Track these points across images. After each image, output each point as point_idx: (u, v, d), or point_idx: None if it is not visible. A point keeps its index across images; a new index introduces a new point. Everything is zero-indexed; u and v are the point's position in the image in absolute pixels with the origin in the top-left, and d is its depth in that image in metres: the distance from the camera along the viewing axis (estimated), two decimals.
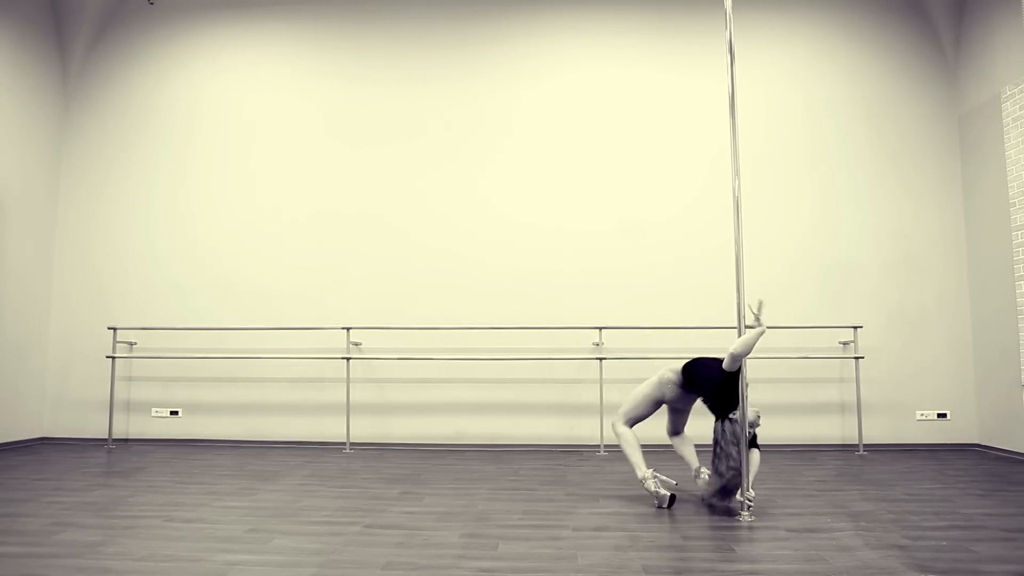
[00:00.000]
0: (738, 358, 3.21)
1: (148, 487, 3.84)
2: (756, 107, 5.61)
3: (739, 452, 3.14)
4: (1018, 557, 2.53)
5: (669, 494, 3.32)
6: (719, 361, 3.39)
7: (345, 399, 5.45)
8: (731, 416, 3.24)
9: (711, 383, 3.38)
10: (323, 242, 5.75)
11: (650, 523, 3.04)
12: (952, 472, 4.30)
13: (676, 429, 3.80)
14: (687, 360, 3.57)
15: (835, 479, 4.09)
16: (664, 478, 3.49)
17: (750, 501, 3.13)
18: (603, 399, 5.25)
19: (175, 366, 5.72)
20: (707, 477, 3.44)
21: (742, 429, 3.17)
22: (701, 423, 5.21)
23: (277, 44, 6.01)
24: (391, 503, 3.44)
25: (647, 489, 3.38)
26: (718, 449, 3.23)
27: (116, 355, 5.54)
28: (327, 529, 2.94)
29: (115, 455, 5.06)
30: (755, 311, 3.32)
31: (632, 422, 3.62)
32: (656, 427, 4.09)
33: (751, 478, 3.24)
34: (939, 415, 5.32)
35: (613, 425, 3.65)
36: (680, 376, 3.54)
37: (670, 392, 3.56)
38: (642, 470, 3.44)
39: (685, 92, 5.71)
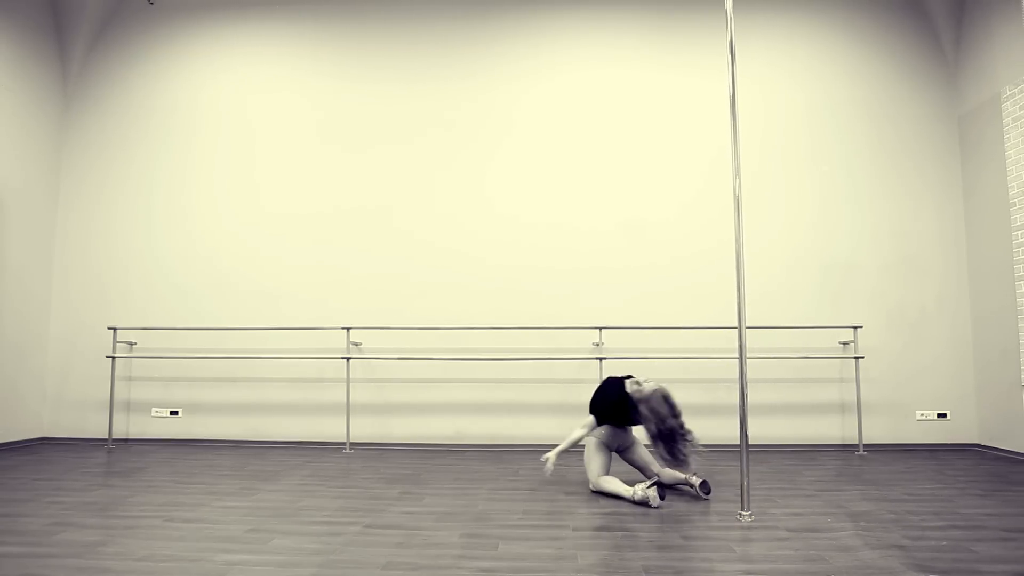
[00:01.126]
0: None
1: (148, 487, 3.84)
2: (756, 107, 5.61)
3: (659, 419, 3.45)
4: (1018, 557, 2.53)
5: (653, 489, 3.35)
6: (611, 384, 3.80)
7: (345, 399, 5.45)
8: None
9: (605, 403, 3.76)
10: (323, 242, 5.76)
11: (650, 523, 3.04)
12: (952, 472, 4.30)
13: (647, 467, 3.83)
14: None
15: (835, 479, 4.09)
16: (644, 482, 3.49)
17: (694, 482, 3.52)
18: None
19: (175, 366, 5.72)
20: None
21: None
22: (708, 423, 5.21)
23: (277, 44, 6.01)
24: (391, 503, 3.44)
25: (638, 501, 3.40)
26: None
27: (116, 355, 5.54)
28: (327, 529, 2.94)
29: (115, 455, 5.06)
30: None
31: (603, 473, 3.75)
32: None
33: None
34: (939, 415, 5.32)
35: (590, 486, 3.74)
36: (591, 415, 3.80)
37: (599, 434, 3.77)
38: (628, 491, 3.47)
39: (685, 92, 5.71)
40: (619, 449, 3.83)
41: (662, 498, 3.34)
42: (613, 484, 3.57)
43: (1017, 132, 4.82)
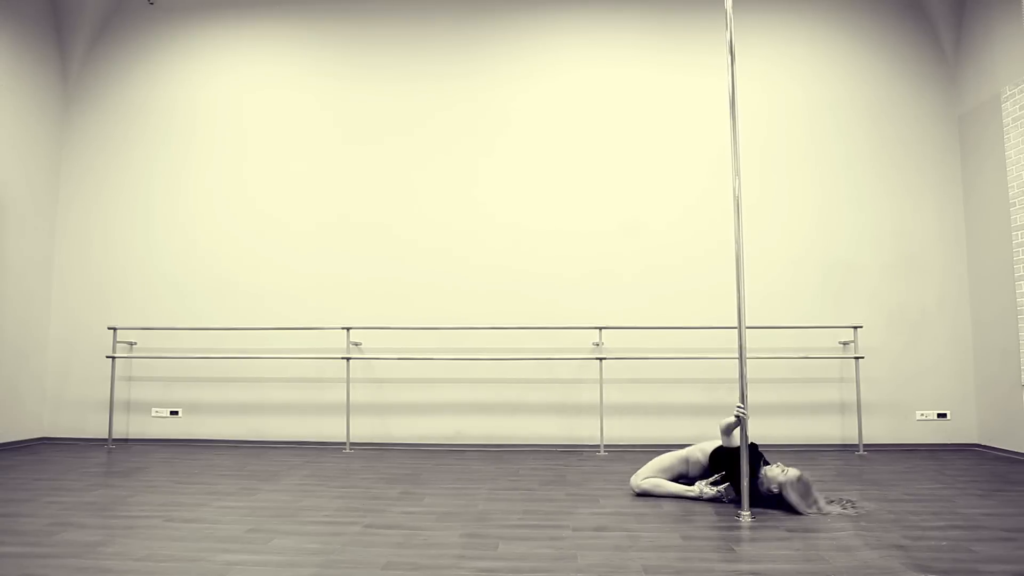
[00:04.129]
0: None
1: (148, 487, 3.84)
2: (757, 107, 5.61)
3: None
4: (1018, 557, 2.53)
5: (722, 486, 3.43)
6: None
7: (345, 399, 5.45)
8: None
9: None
10: (322, 242, 5.75)
11: (650, 523, 3.04)
12: (952, 472, 4.29)
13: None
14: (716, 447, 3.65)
15: (835, 479, 4.09)
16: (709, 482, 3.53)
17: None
18: (603, 399, 5.25)
19: (175, 366, 5.72)
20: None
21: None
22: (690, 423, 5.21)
23: (277, 44, 6.01)
24: (391, 503, 3.43)
25: (708, 497, 3.46)
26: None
27: (116, 355, 5.54)
28: (327, 529, 2.94)
29: (115, 455, 5.06)
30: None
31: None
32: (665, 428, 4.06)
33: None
34: (939, 415, 5.32)
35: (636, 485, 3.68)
36: (708, 459, 3.66)
37: (695, 469, 3.71)
38: (691, 490, 3.52)
39: (685, 92, 5.71)
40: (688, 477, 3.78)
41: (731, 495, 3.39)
42: (666, 487, 3.59)
43: (1017, 132, 4.82)
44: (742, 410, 3.20)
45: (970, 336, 5.36)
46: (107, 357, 5.57)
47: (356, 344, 5.58)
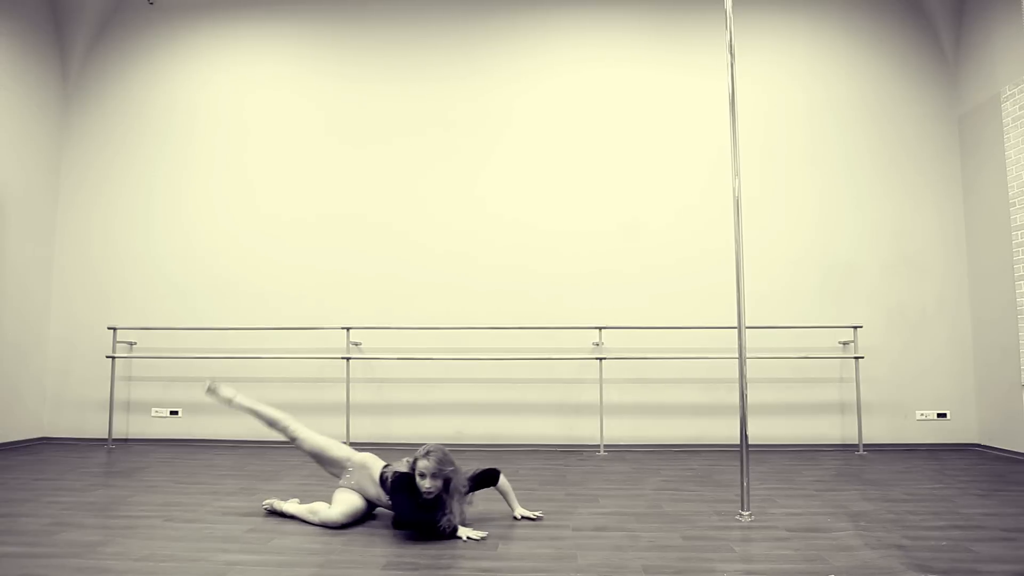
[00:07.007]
0: None
1: (148, 487, 3.84)
2: (756, 107, 5.60)
3: None
4: (1018, 557, 2.53)
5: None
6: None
7: (345, 399, 5.45)
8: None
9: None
10: (323, 242, 5.75)
11: (650, 523, 3.04)
12: (952, 472, 4.29)
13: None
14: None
15: (835, 479, 4.09)
16: None
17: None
18: (603, 399, 5.25)
19: (175, 366, 5.71)
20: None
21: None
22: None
23: (277, 44, 6.01)
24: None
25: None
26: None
27: (116, 355, 5.54)
28: (327, 529, 2.94)
29: (115, 455, 5.05)
30: None
31: None
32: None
33: None
34: (939, 415, 5.32)
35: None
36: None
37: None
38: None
39: (685, 92, 5.71)
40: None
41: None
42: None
43: (1017, 132, 4.82)
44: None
45: (970, 336, 5.36)
46: (107, 357, 5.57)
47: (356, 344, 5.57)
